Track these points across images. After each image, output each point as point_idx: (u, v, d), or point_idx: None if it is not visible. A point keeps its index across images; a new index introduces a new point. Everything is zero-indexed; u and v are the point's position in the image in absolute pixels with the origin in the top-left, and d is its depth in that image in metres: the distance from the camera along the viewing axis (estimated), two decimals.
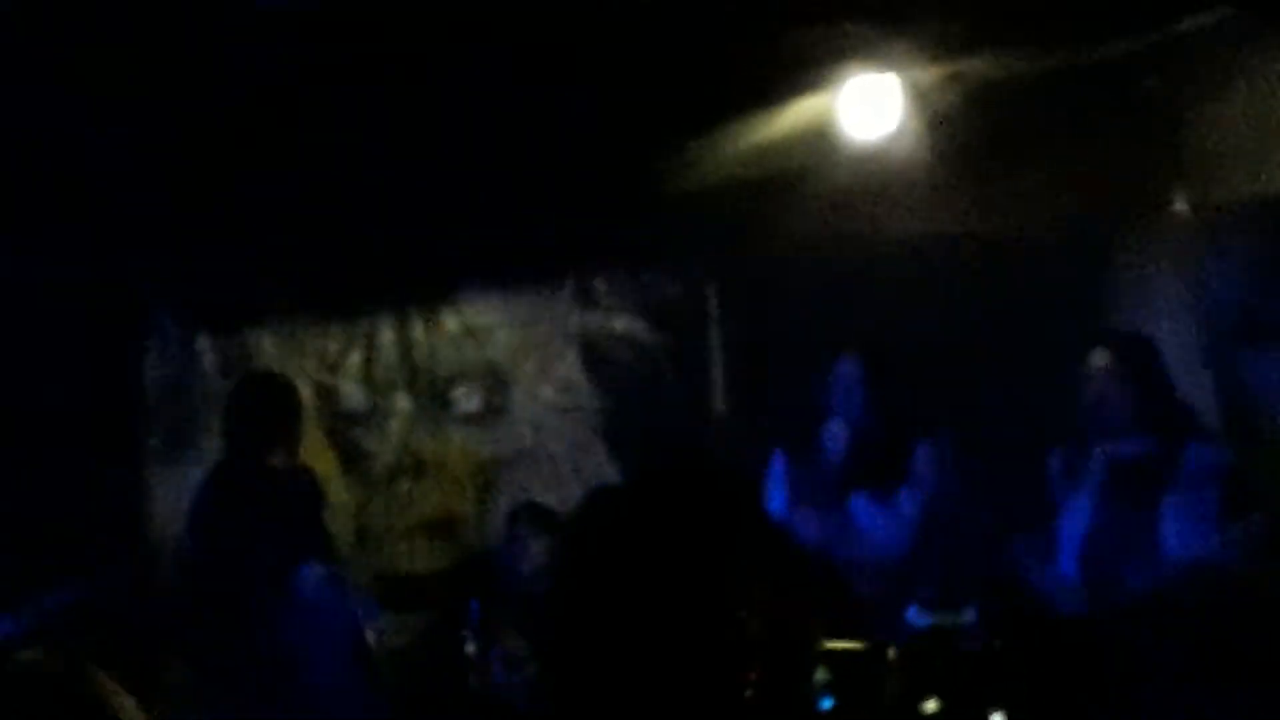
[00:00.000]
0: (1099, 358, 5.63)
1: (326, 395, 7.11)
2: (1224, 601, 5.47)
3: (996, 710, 1.27)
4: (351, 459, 7.24)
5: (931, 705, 1.27)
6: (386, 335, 7.45)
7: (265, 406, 5.96)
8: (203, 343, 7.34)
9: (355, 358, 7.40)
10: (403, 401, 7.15)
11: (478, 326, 7.48)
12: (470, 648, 6.35)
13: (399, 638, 6.71)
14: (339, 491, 7.05)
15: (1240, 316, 6.91)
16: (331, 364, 7.35)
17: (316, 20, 5.74)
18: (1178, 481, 5.47)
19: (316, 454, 6.54)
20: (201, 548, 5.88)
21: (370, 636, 6.03)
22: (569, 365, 7.48)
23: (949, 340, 7.09)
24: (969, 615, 5.49)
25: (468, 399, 7.46)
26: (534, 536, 6.69)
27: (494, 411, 7.46)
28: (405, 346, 7.45)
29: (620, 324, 7.46)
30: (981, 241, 7.22)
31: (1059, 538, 5.64)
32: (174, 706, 6.24)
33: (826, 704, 1.36)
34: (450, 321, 7.48)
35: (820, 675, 1.42)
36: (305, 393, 7.31)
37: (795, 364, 7.27)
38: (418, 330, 7.47)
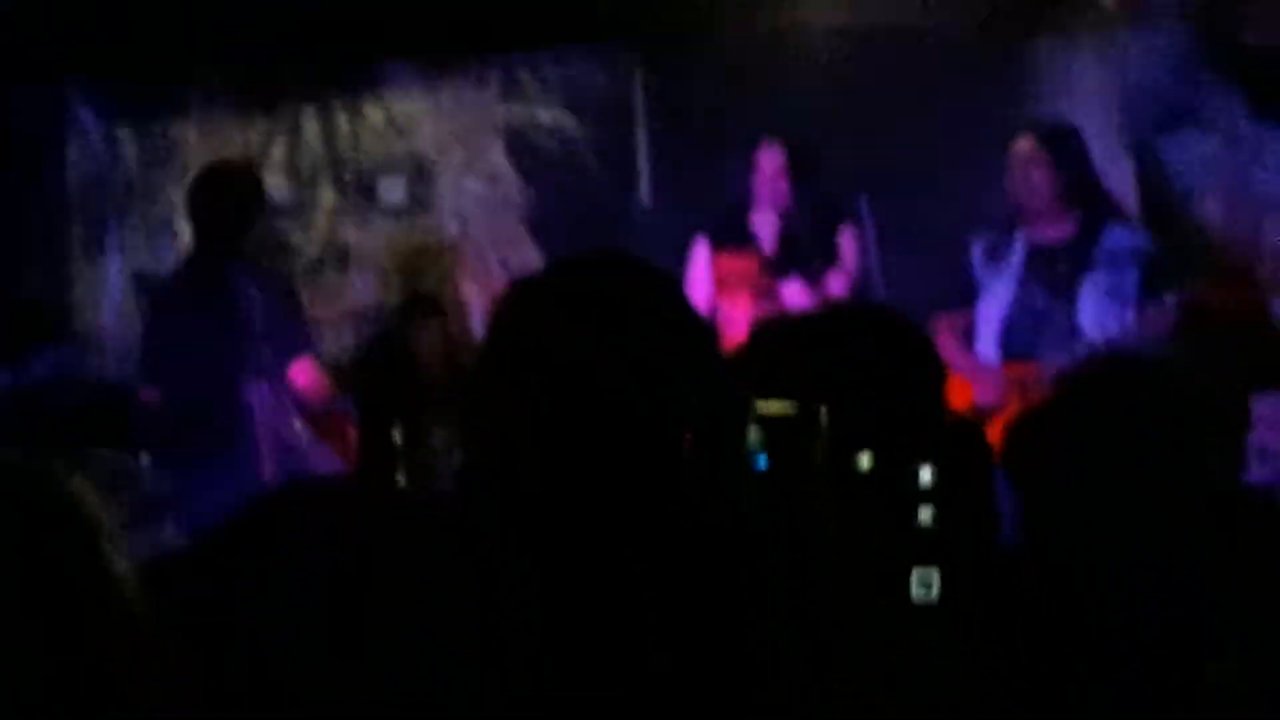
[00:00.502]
0: (1024, 143, 5.69)
1: None
2: (1136, 382, 5.59)
3: (925, 464, 1.33)
4: (276, 251, 7.21)
5: (864, 461, 1.32)
6: (310, 126, 7.41)
7: (232, 196, 5.81)
8: (124, 134, 7.28)
9: (278, 149, 7.36)
10: (327, 193, 7.13)
11: (402, 117, 7.45)
12: (397, 438, 6.43)
13: None
14: None
15: (1160, 104, 6.98)
16: (254, 156, 7.30)
17: None
18: (1096, 264, 5.57)
19: None
20: (165, 341, 5.80)
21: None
22: (495, 157, 7.47)
23: (873, 129, 7.14)
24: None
25: (393, 191, 7.45)
26: (425, 319, 6.72)
27: (419, 203, 7.46)
28: (329, 138, 7.41)
29: (546, 115, 7.44)
30: (904, 31, 7.23)
31: (979, 320, 5.75)
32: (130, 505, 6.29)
33: (761, 464, 1.40)
34: (374, 112, 7.44)
35: (754, 437, 1.46)
36: None
37: (720, 154, 7.32)
38: (342, 121, 7.43)
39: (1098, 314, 5.50)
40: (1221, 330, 5.60)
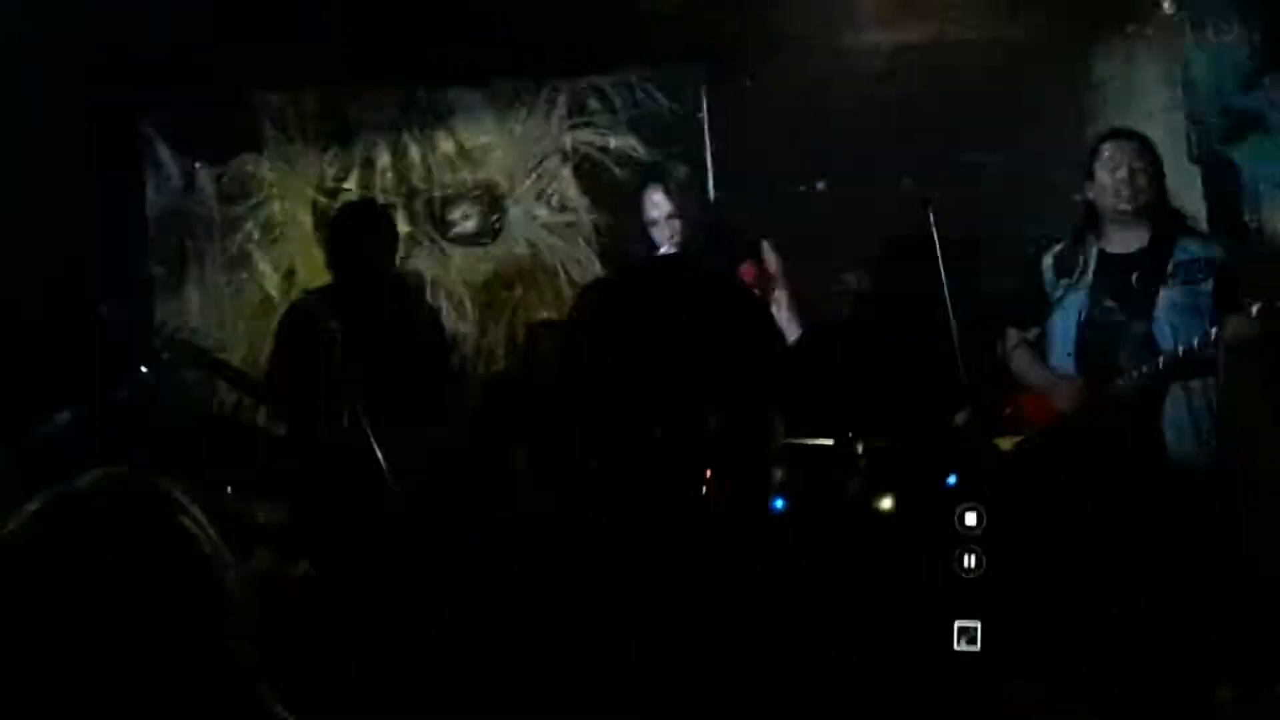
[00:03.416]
0: (1111, 150, 5.73)
1: (326, 218, 7.14)
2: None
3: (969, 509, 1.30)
4: None
5: (887, 503, 1.30)
6: (383, 158, 7.50)
7: (370, 229, 6.15)
8: (201, 170, 7.39)
9: (353, 181, 7.46)
10: (401, 223, 7.20)
11: (473, 147, 7.54)
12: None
13: None
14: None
15: (1226, 112, 6.99)
16: (330, 188, 7.41)
17: None
18: (1170, 276, 5.60)
19: (321, 276, 6.61)
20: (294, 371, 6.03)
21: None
22: (564, 183, 7.55)
23: (938, 142, 7.19)
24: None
25: (465, 219, 7.53)
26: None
27: (491, 231, 7.54)
28: (402, 169, 7.51)
29: (614, 140, 7.51)
30: (968, 44, 7.27)
31: (1052, 333, 5.78)
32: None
33: (778, 505, 1.37)
34: (445, 143, 7.53)
35: (777, 474, 1.44)
36: (305, 218, 7.43)
37: (786, 176, 7.37)
38: (414, 152, 7.52)
39: (1175, 326, 5.52)
40: None
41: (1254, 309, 5.37)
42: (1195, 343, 5.44)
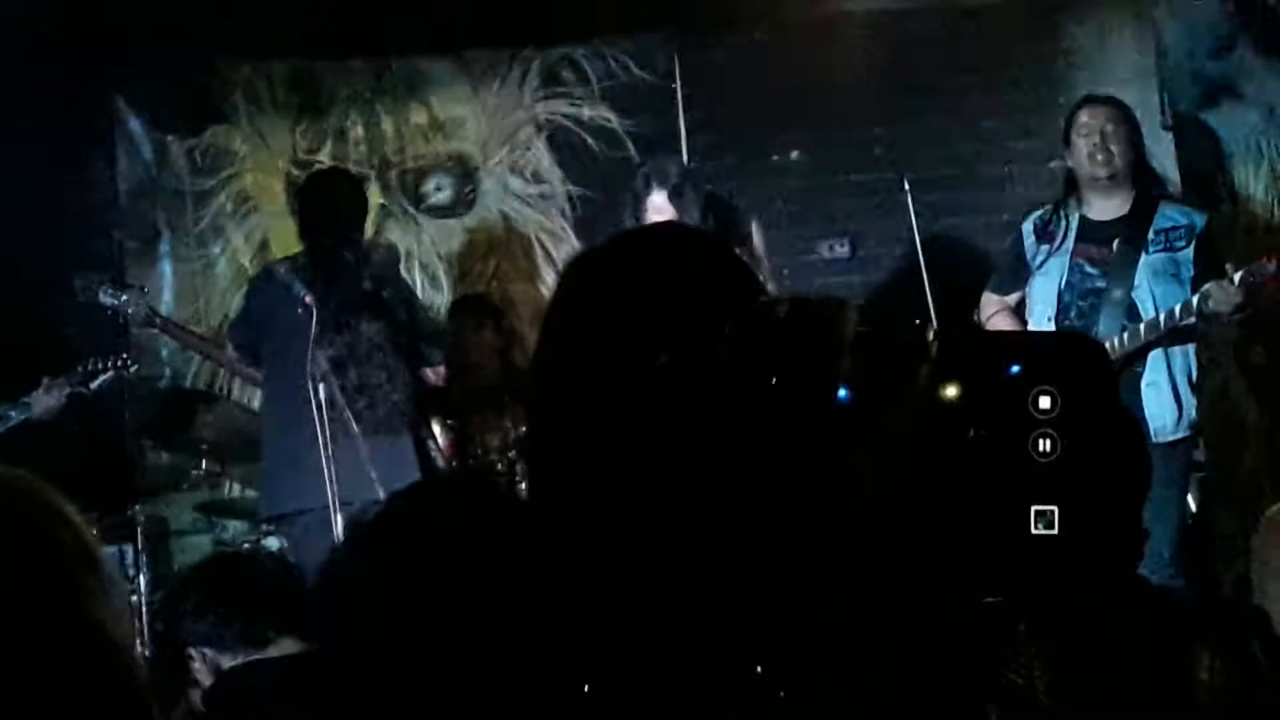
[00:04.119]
0: (1089, 116, 5.74)
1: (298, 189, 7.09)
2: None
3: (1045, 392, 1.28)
4: None
5: (955, 391, 1.27)
6: (356, 129, 7.47)
7: (340, 198, 6.08)
8: (173, 144, 7.34)
9: (325, 153, 7.42)
10: (374, 195, 7.17)
11: (446, 118, 7.52)
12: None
13: None
14: None
15: (1199, 78, 7.02)
16: (302, 160, 7.37)
17: None
18: (1150, 241, 5.62)
19: (294, 249, 6.57)
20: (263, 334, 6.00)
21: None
22: (538, 154, 7.53)
23: (913, 110, 7.22)
24: None
25: (438, 191, 7.51)
26: (478, 328, 6.77)
27: (465, 202, 7.52)
28: (375, 140, 7.48)
29: (588, 110, 7.50)
30: (943, 11, 7.29)
31: (1032, 297, 5.79)
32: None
33: (843, 396, 1.34)
34: (418, 114, 7.50)
35: (844, 364, 1.40)
36: (277, 190, 7.39)
37: (759, 146, 7.39)
38: (387, 124, 7.49)
39: (1154, 292, 5.55)
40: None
41: (1235, 276, 5.39)
42: (1175, 309, 5.46)
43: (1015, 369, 1.38)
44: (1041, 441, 1.35)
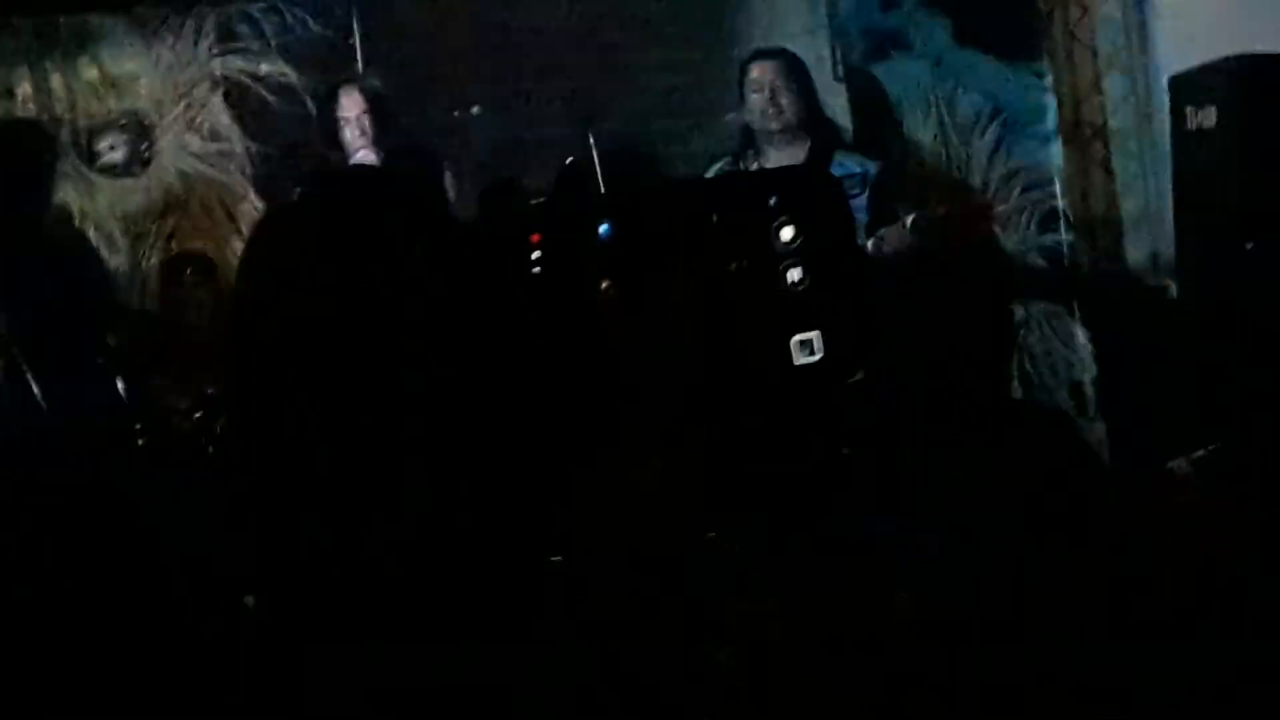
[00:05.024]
0: (759, 70, 5.87)
1: None
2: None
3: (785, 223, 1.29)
4: None
5: (732, 220, 1.28)
6: (23, 87, 7.22)
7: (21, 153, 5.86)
8: None
9: None
10: (45, 155, 6.94)
11: (118, 75, 7.31)
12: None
13: None
14: None
15: (869, 32, 7.23)
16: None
17: None
18: None
19: None
20: None
21: None
22: (215, 111, 7.38)
23: (593, 63, 7.28)
24: None
25: (112, 150, 7.31)
26: (198, 285, 6.69)
27: (141, 162, 7.33)
28: (44, 98, 7.24)
29: (265, 66, 7.38)
30: None
31: None
32: None
33: (604, 231, 1.33)
34: (89, 71, 7.28)
35: (602, 202, 1.39)
36: None
37: (441, 101, 7.37)
38: (56, 81, 7.26)
39: None
40: (951, 244, 5.87)
41: (907, 220, 5.59)
42: None
43: (756, 205, 1.35)
44: (791, 272, 1.34)
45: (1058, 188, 7.48)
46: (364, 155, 6.46)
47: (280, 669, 1.51)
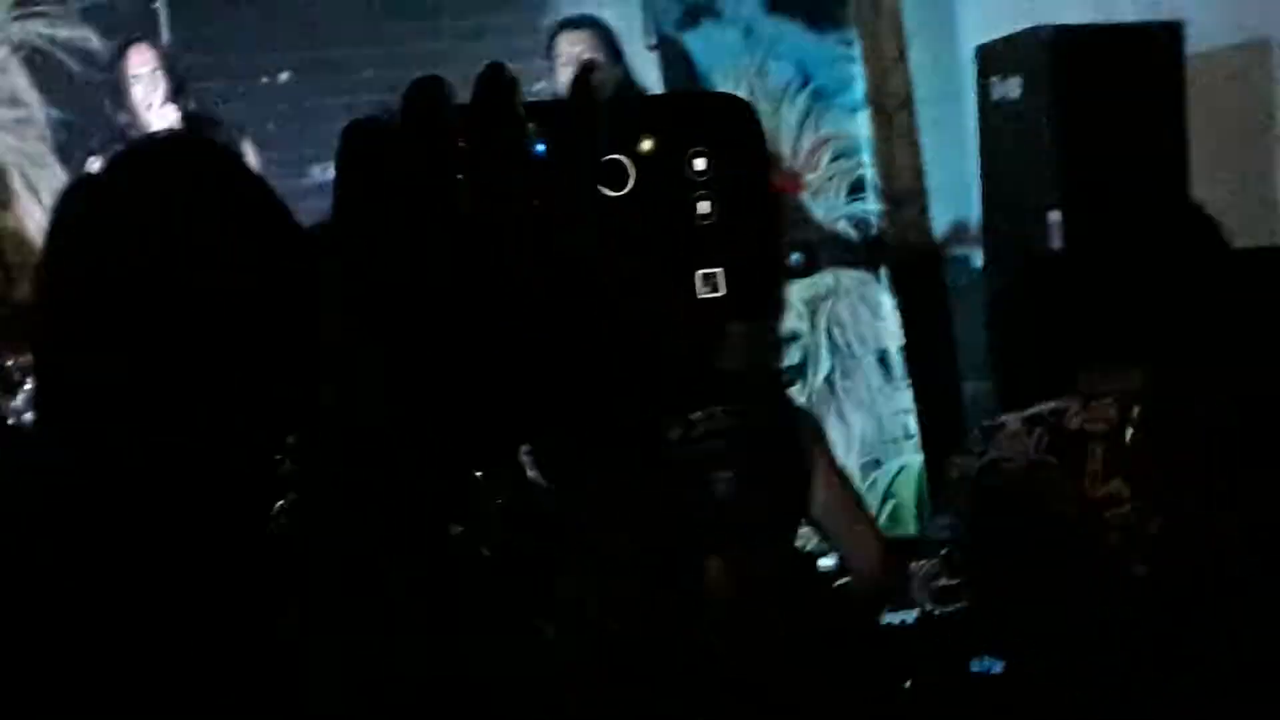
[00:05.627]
0: (568, 42, 5.86)
1: None
2: None
3: (699, 153, 1.26)
4: None
5: (646, 145, 1.24)
6: None
7: None
8: None
9: None
10: None
11: None
12: None
13: None
14: None
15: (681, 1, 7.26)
16: None
17: None
18: None
19: None
20: None
21: None
22: (13, 76, 7.19)
23: (405, 35, 7.23)
24: None
25: None
26: None
27: None
28: None
29: (65, 30, 7.20)
30: None
31: None
32: None
33: (540, 149, 1.27)
34: None
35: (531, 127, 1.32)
36: None
37: (248, 68, 7.26)
38: None
39: None
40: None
41: None
42: None
43: (666, 132, 1.29)
44: (700, 204, 1.28)
45: (865, 157, 7.59)
46: (157, 115, 6.32)
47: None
